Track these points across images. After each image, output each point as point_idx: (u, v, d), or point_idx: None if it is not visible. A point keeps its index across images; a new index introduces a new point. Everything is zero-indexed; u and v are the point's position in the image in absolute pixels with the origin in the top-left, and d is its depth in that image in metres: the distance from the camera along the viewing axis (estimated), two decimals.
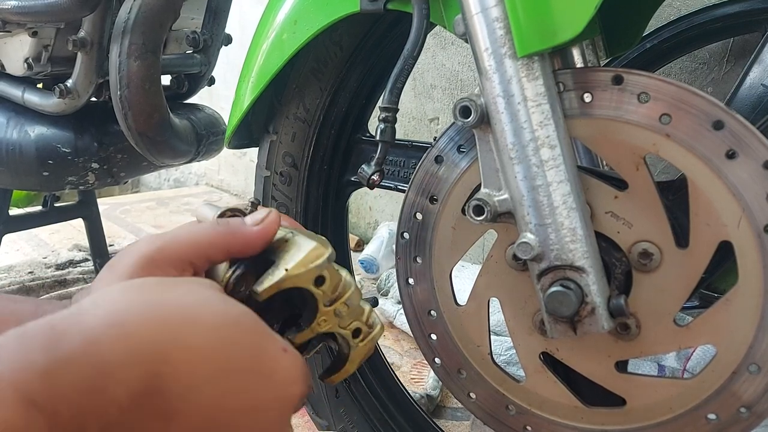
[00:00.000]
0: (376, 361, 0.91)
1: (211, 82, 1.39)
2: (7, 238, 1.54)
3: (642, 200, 0.54)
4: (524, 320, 0.62)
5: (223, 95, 2.59)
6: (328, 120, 0.83)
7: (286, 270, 0.42)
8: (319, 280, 0.44)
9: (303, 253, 0.44)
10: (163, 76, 1.09)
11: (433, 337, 0.68)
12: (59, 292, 1.69)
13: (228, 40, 1.38)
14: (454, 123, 0.60)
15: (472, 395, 0.67)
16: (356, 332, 0.48)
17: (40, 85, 1.25)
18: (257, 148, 0.88)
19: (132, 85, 1.00)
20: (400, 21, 0.76)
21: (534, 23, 0.51)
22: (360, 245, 2.18)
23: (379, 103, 0.63)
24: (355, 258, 1.72)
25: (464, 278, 1.04)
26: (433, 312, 0.67)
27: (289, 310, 0.47)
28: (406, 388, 0.92)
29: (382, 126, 0.62)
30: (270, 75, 0.75)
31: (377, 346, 0.92)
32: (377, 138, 0.63)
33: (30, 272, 1.83)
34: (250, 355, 0.35)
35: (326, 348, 0.51)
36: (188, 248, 0.41)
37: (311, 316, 0.46)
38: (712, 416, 0.54)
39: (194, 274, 0.41)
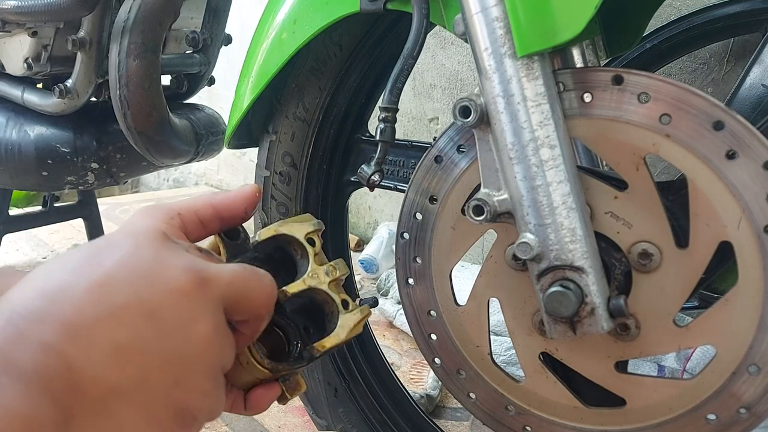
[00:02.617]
0: (375, 361, 0.91)
1: (211, 82, 1.39)
2: (7, 238, 1.55)
3: (642, 200, 0.54)
4: (524, 320, 0.62)
5: (223, 95, 2.60)
6: (328, 120, 0.83)
7: (283, 225, 0.52)
8: (311, 241, 0.52)
9: (294, 218, 0.54)
10: (162, 76, 1.09)
11: (433, 337, 0.68)
12: None
13: (228, 40, 1.38)
14: (453, 123, 0.60)
15: (472, 395, 0.67)
16: (345, 303, 0.52)
17: (39, 85, 1.25)
18: (257, 148, 0.88)
19: (131, 84, 1.00)
20: (399, 21, 0.76)
21: (534, 23, 0.51)
22: (360, 245, 2.18)
23: (379, 103, 0.63)
24: (355, 258, 1.72)
25: (464, 278, 1.04)
26: (432, 312, 0.67)
27: (288, 275, 0.52)
28: (406, 388, 0.92)
29: (381, 126, 0.62)
30: (270, 75, 0.75)
31: (377, 345, 0.92)
32: (377, 138, 0.62)
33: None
34: (132, 291, 0.34)
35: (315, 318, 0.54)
36: (178, 202, 0.44)
37: (304, 270, 0.51)
38: (711, 417, 0.54)
39: (182, 225, 0.42)
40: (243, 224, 0.49)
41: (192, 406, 0.35)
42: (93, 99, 1.18)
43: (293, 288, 0.50)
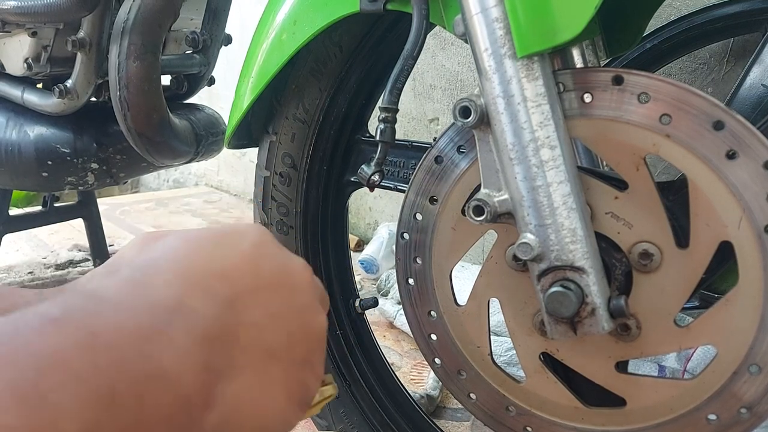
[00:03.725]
0: (376, 362, 0.91)
1: (211, 82, 1.39)
2: (6, 238, 1.54)
3: (642, 201, 0.54)
4: (524, 321, 0.62)
5: (223, 95, 2.59)
6: (328, 120, 0.83)
7: None
8: None
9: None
10: (162, 77, 1.09)
11: (433, 337, 0.68)
12: None
13: (228, 40, 1.38)
14: (453, 123, 0.60)
15: (472, 396, 0.67)
16: None
17: (39, 85, 1.25)
18: (257, 149, 0.88)
19: (131, 85, 1.00)
20: (399, 21, 0.76)
21: (534, 23, 0.51)
22: (360, 245, 2.18)
23: (379, 104, 0.63)
24: (355, 258, 1.71)
25: (464, 279, 1.04)
26: (433, 312, 0.67)
27: None
28: (406, 388, 0.92)
29: (381, 126, 0.62)
30: (269, 75, 0.75)
31: (377, 346, 0.92)
32: (377, 138, 0.62)
33: (30, 272, 1.83)
34: (277, 270, 0.37)
35: None
36: None
37: None
38: (712, 417, 0.54)
39: None
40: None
41: (311, 386, 0.37)
42: (93, 99, 1.18)
43: None
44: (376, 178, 0.64)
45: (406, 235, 0.67)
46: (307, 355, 0.36)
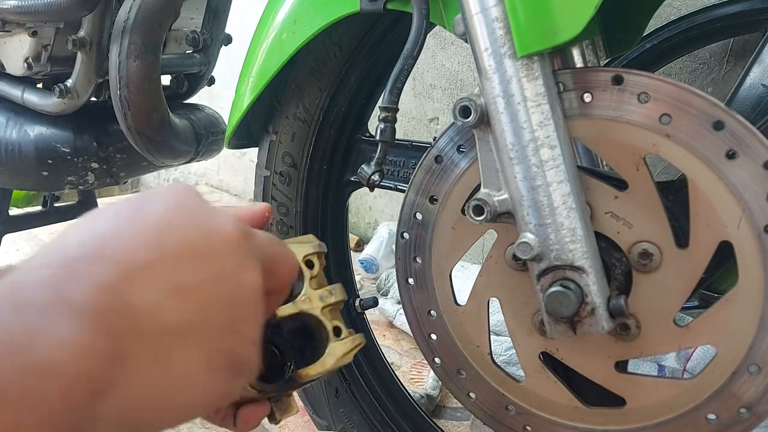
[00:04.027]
0: (375, 362, 0.91)
1: (211, 82, 1.39)
2: (7, 238, 1.54)
3: (642, 200, 0.54)
4: (524, 320, 0.62)
5: (223, 95, 2.59)
6: (328, 120, 0.83)
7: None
8: (309, 263, 0.50)
9: (296, 238, 0.52)
10: (162, 76, 1.09)
11: (433, 337, 0.68)
12: None
13: (228, 40, 1.38)
14: (453, 123, 0.60)
15: (472, 395, 0.67)
16: (337, 331, 0.50)
17: (39, 85, 1.25)
18: (257, 148, 0.88)
19: (131, 84, 1.00)
20: (399, 21, 0.76)
21: (534, 23, 0.51)
22: (360, 245, 2.18)
23: (379, 103, 0.63)
24: (355, 258, 1.71)
25: (464, 278, 1.04)
26: (432, 312, 0.67)
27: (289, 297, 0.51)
28: (406, 388, 0.92)
29: (381, 126, 0.62)
30: (270, 75, 0.75)
31: (377, 345, 0.92)
32: (377, 138, 0.62)
33: None
34: (188, 236, 0.34)
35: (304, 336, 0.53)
36: None
37: (298, 293, 0.50)
38: (712, 417, 0.54)
39: None
40: None
41: (243, 354, 0.35)
42: (93, 99, 1.18)
43: (282, 311, 0.49)
44: (376, 177, 0.64)
45: (406, 235, 0.67)
46: (230, 322, 0.34)
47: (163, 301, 0.31)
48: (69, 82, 1.12)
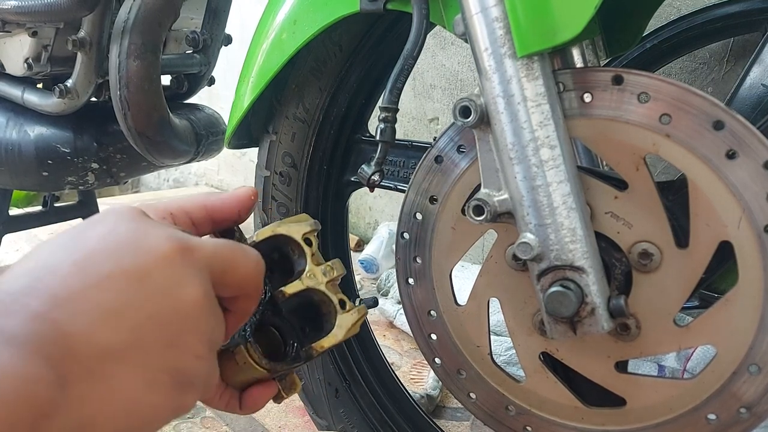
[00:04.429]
0: (375, 362, 0.91)
1: (211, 82, 1.39)
2: (7, 238, 1.54)
3: (642, 200, 0.54)
4: (524, 320, 0.62)
5: (223, 95, 2.59)
6: (328, 120, 0.83)
7: (281, 226, 0.52)
8: (308, 241, 0.52)
9: (291, 218, 0.54)
10: (162, 76, 1.09)
11: (433, 337, 0.68)
12: None
13: (228, 40, 1.38)
14: (453, 123, 0.60)
15: (472, 395, 0.67)
16: (342, 303, 0.52)
17: (39, 85, 1.25)
18: (257, 148, 0.88)
19: (131, 85, 1.00)
20: (399, 21, 0.76)
21: (534, 23, 0.51)
22: (360, 245, 2.18)
23: (379, 103, 0.63)
24: (355, 258, 1.72)
25: (464, 278, 1.04)
26: (433, 312, 0.67)
27: (285, 275, 0.53)
28: (406, 388, 0.92)
29: (382, 126, 0.62)
30: (270, 75, 0.75)
31: (377, 345, 0.92)
32: (377, 138, 0.62)
33: None
34: (119, 261, 0.35)
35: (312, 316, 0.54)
36: (169, 202, 0.44)
37: (301, 270, 0.52)
38: (712, 417, 0.54)
39: (173, 224, 0.43)
40: (241, 225, 0.49)
41: (187, 368, 0.36)
42: (93, 99, 1.18)
43: (291, 288, 0.50)
44: (376, 177, 0.64)
45: (406, 235, 0.67)
46: (169, 339, 0.34)
47: (96, 326, 0.32)
48: (69, 83, 1.12)
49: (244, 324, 0.46)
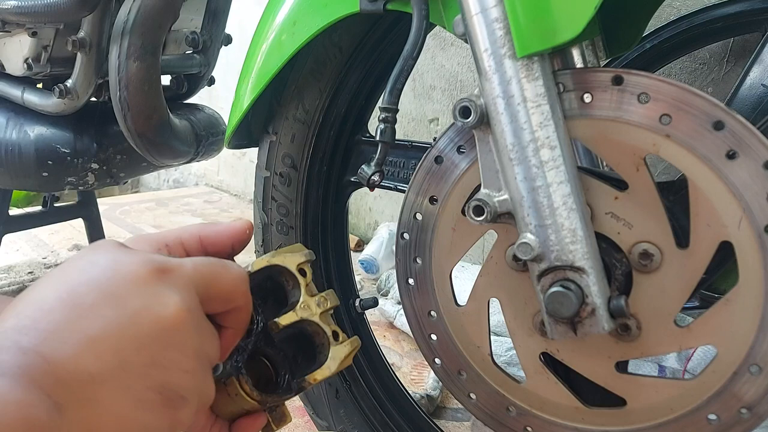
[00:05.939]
0: (376, 362, 0.91)
1: (211, 82, 1.39)
2: (6, 238, 1.54)
3: (642, 201, 0.54)
4: (524, 321, 0.62)
5: (223, 95, 2.59)
6: (328, 121, 0.83)
7: (276, 256, 0.52)
8: (302, 272, 0.52)
9: (286, 248, 0.53)
10: (162, 77, 1.09)
11: (434, 337, 0.68)
12: None
13: (228, 40, 1.38)
14: (453, 123, 0.60)
15: (473, 396, 0.67)
16: (335, 335, 0.52)
17: (39, 86, 1.25)
18: (257, 149, 0.88)
19: (131, 86, 1.00)
20: (399, 21, 0.76)
21: (533, 24, 0.51)
22: (360, 245, 2.18)
23: (379, 104, 0.63)
24: (355, 258, 1.72)
25: (464, 279, 1.04)
26: (433, 313, 0.67)
27: (278, 304, 0.52)
28: (407, 388, 0.92)
29: (381, 126, 0.62)
30: (269, 76, 0.74)
31: (377, 346, 0.92)
32: (377, 138, 0.62)
33: (30, 272, 1.83)
34: (100, 289, 0.37)
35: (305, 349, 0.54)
36: (167, 233, 0.46)
37: (295, 300, 0.51)
38: (712, 417, 0.54)
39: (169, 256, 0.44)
40: (243, 247, 0.50)
41: (176, 384, 0.37)
42: (93, 99, 1.18)
43: (285, 320, 0.50)
44: (376, 178, 0.64)
45: (406, 235, 0.67)
46: (152, 358, 0.36)
47: (81, 354, 0.34)
48: (69, 83, 1.12)
49: (236, 353, 0.47)
